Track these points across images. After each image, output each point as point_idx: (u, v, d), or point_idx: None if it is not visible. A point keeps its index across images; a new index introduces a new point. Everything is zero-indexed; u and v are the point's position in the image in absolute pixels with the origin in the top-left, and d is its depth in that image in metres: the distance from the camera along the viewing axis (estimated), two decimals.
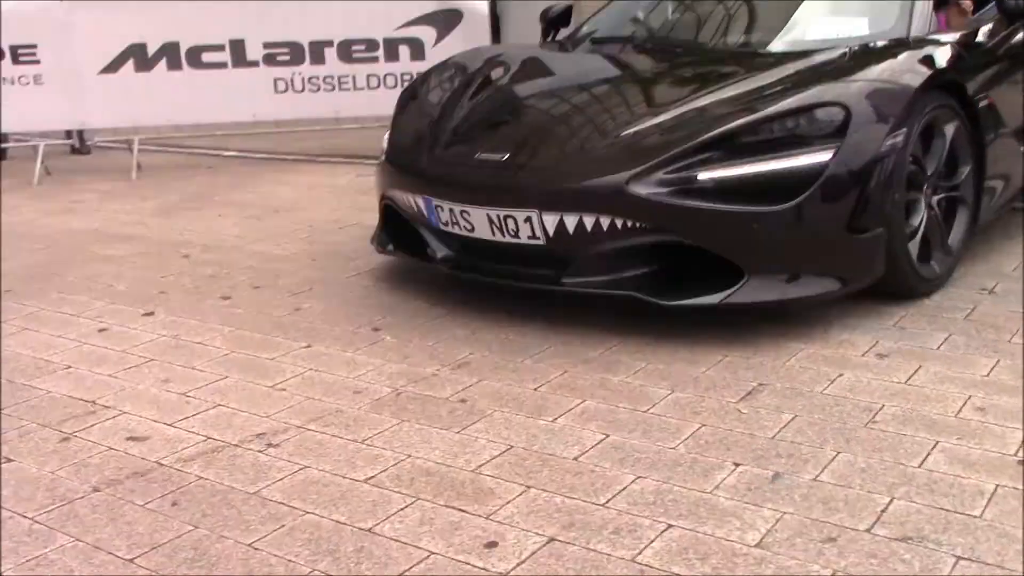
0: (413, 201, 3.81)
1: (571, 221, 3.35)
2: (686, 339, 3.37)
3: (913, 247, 3.61)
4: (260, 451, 2.68)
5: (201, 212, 5.58)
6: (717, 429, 2.72)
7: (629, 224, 3.31)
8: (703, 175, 3.28)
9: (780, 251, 3.33)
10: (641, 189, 3.27)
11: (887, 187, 3.39)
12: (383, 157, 4.13)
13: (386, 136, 4.25)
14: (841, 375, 3.06)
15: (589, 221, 3.33)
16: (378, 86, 7.22)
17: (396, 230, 4.10)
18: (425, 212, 3.76)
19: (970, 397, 2.87)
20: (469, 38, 7.03)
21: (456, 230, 3.64)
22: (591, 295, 3.49)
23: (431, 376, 3.16)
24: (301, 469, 2.56)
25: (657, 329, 3.45)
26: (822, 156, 3.28)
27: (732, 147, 3.33)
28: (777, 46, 4.11)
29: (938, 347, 3.26)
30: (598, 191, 3.33)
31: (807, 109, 3.36)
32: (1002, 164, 4.11)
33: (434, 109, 4.20)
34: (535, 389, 3.03)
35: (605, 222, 3.32)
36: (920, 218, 3.66)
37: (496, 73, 4.38)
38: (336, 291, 4.06)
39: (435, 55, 6.69)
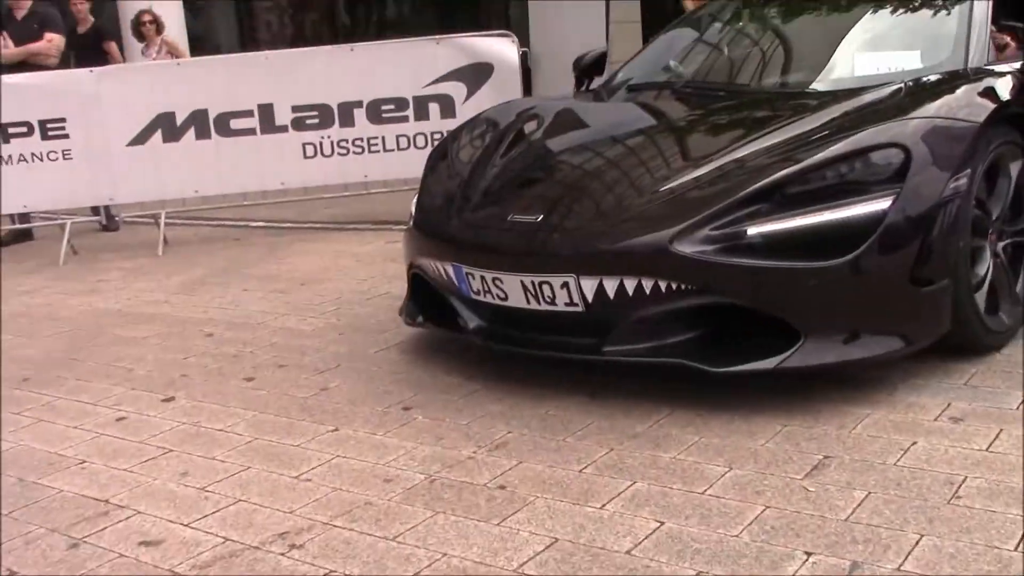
0: (443, 269, 3.60)
1: (611, 285, 3.13)
2: (740, 408, 3.12)
3: (980, 298, 3.35)
4: (282, 553, 2.45)
5: (227, 287, 5.41)
6: (783, 512, 2.46)
7: (674, 286, 3.08)
8: (752, 230, 3.04)
9: (838, 309, 3.07)
10: (686, 248, 3.04)
11: (951, 234, 3.14)
12: (411, 222, 3.93)
13: (414, 200, 4.06)
14: (914, 443, 2.79)
15: (631, 284, 3.10)
16: (408, 147, 7.06)
17: (425, 300, 3.89)
18: (455, 280, 3.55)
19: None
20: (500, 92, 6.85)
21: (488, 299, 3.43)
22: (635, 364, 3.25)
23: (467, 460, 2.92)
24: (326, 575, 2.33)
25: (708, 398, 3.20)
26: (880, 204, 3.04)
27: (781, 199, 3.10)
28: (822, 85, 3.89)
29: (1017, 407, 2.98)
30: (639, 251, 3.10)
31: (862, 152, 3.13)
32: None
33: (464, 169, 4.00)
34: (580, 471, 2.78)
35: (648, 285, 3.09)
36: (986, 266, 3.40)
37: (529, 127, 4.19)
38: (364, 368, 3.84)
39: (466, 111, 6.52)
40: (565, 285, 3.18)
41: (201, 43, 15.00)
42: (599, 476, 2.74)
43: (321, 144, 7.06)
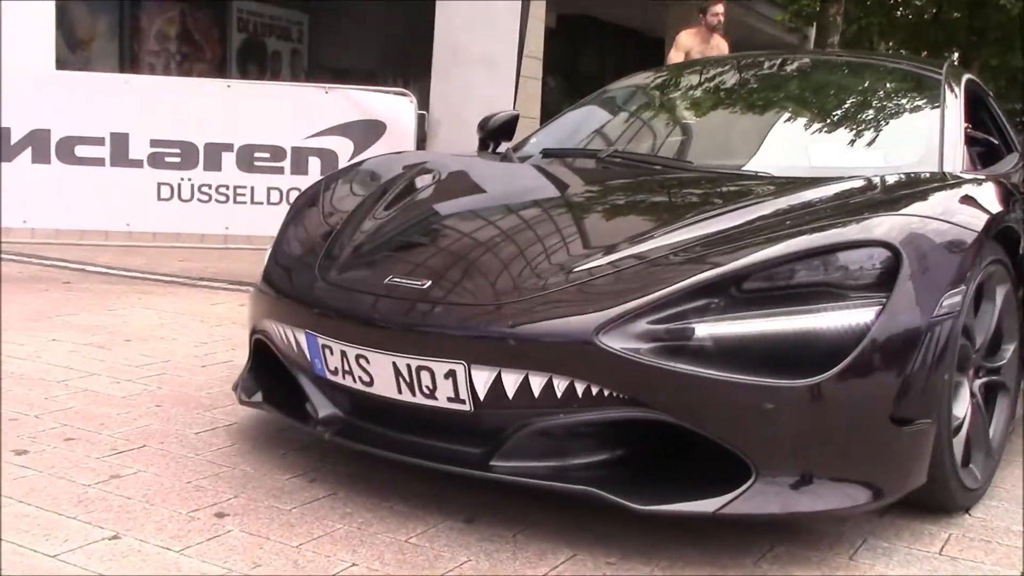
0: (293, 338, 2.79)
1: (512, 380, 2.37)
2: (664, 557, 2.39)
3: (958, 445, 2.71)
4: None
5: (33, 335, 4.43)
6: None
7: (594, 391, 2.34)
8: (702, 329, 2.34)
9: (797, 443, 2.37)
10: (615, 342, 2.32)
11: (940, 363, 2.50)
12: (260, 279, 3.11)
13: (268, 253, 3.24)
14: None
15: (538, 382, 2.35)
16: (280, 201, 6.23)
17: (269, 376, 3.05)
18: (308, 354, 2.73)
19: None
20: None
21: (348, 381, 2.62)
22: (531, 488, 2.48)
23: None
24: None
25: (622, 538, 2.47)
26: (862, 315, 2.38)
27: (739, 294, 2.42)
28: (777, 171, 3.27)
29: None
30: (554, 340, 2.36)
31: (841, 248, 2.48)
32: None
33: (334, 221, 3.22)
34: None
35: (561, 385, 2.35)
36: (965, 408, 2.77)
37: (422, 181, 3.45)
38: (176, 452, 2.96)
39: None
40: (451, 374, 2.41)
41: None
42: None
43: (180, 186, 6.17)
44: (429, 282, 2.61)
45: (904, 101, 3.73)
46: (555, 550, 2.40)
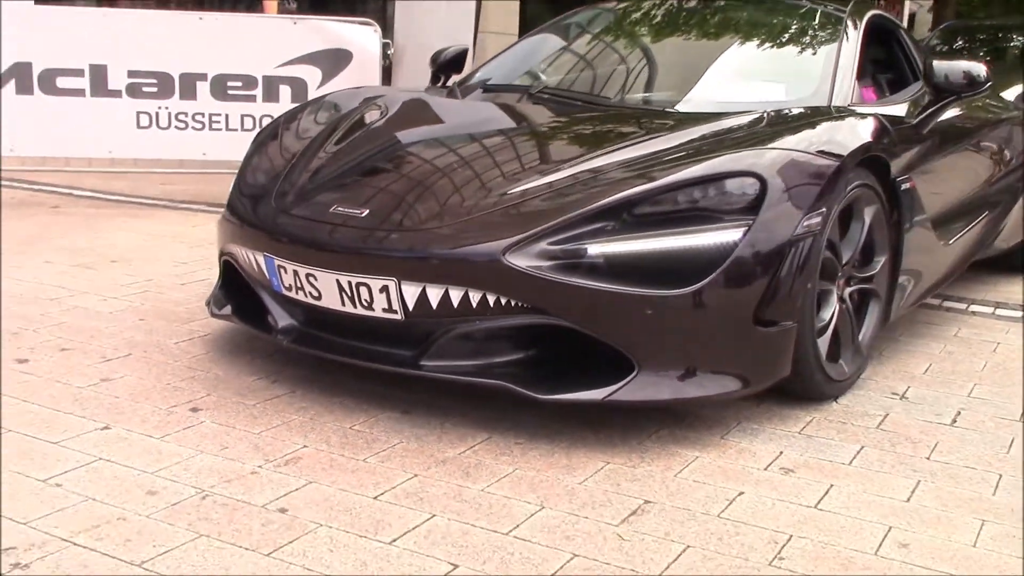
0: (254, 259, 3.24)
1: (435, 294, 2.83)
2: (564, 439, 2.87)
3: (823, 344, 3.19)
4: (4, 574, 2.05)
5: (26, 257, 4.87)
6: (591, 563, 2.20)
7: (503, 301, 2.80)
8: (593, 249, 2.79)
9: (676, 342, 2.85)
10: (520, 261, 2.77)
11: (800, 275, 2.96)
12: (225, 207, 3.54)
13: (233, 180, 3.67)
14: (741, 494, 2.58)
15: (456, 295, 2.81)
16: (253, 127, 6.57)
17: (236, 292, 3.51)
18: (266, 273, 3.18)
19: (891, 529, 2.43)
20: (357, 81, 6.49)
21: (300, 296, 3.08)
22: (456, 383, 2.96)
23: (250, 475, 2.57)
24: None
25: (530, 425, 2.94)
26: (731, 235, 2.83)
27: (629, 218, 2.86)
28: (684, 106, 3.69)
29: (850, 462, 2.82)
30: (469, 260, 2.81)
31: (716, 179, 2.92)
32: (918, 256, 3.74)
33: (292, 151, 3.65)
34: (375, 498, 2.47)
35: (475, 297, 2.81)
36: (832, 312, 3.24)
37: (371, 116, 3.86)
38: (157, 359, 3.43)
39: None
40: (384, 289, 2.87)
41: None
42: (395, 505, 2.43)
43: (157, 115, 6.54)
44: (367, 210, 3.05)
45: (806, 38, 4.12)
46: (474, 434, 2.89)
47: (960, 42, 10.00)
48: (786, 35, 4.19)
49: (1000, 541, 2.39)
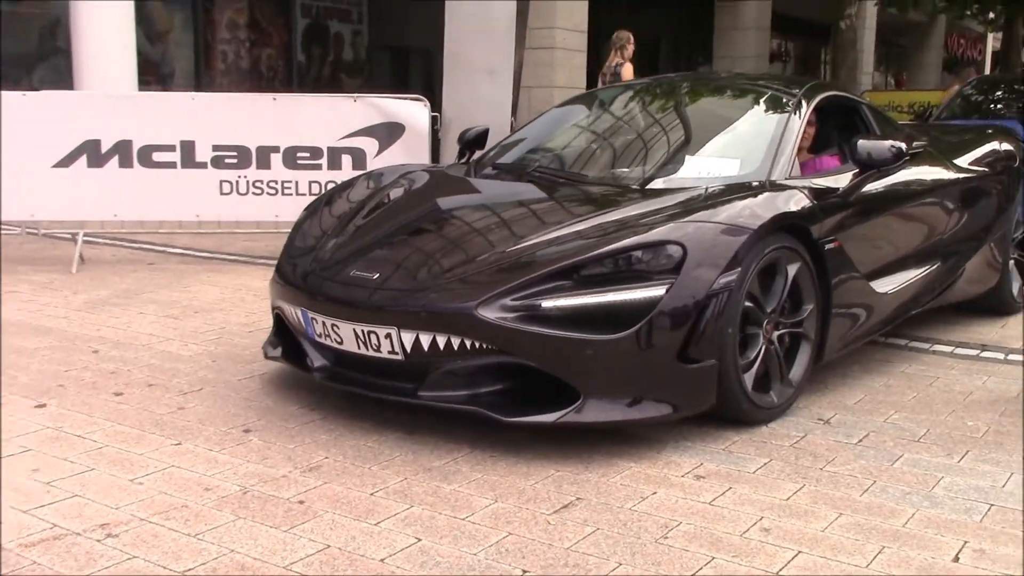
0: (295, 312, 4.12)
1: (426, 339, 3.66)
2: (530, 453, 3.65)
3: (749, 378, 3.91)
4: (99, 540, 2.92)
5: (125, 309, 5.87)
6: (521, 538, 2.98)
7: (478, 345, 3.62)
8: (548, 303, 3.59)
9: (617, 376, 3.62)
10: (489, 313, 3.59)
11: (717, 321, 3.70)
12: (275, 271, 4.45)
13: (283, 246, 4.58)
14: (655, 493, 3.34)
15: (441, 340, 3.64)
16: (319, 191, 7.58)
17: (285, 338, 4.40)
18: (303, 323, 4.06)
19: (761, 519, 3.15)
20: (410, 150, 7.49)
21: (328, 342, 3.94)
22: (444, 409, 3.78)
23: (281, 477, 3.42)
24: (129, 559, 2.81)
25: (508, 442, 3.72)
26: (657, 290, 3.61)
27: (579, 278, 3.66)
28: (655, 183, 4.46)
29: (754, 471, 3.54)
30: (449, 313, 3.64)
31: (649, 246, 3.70)
32: (851, 304, 4.44)
33: (331, 221, 4.55)
34: (371, 494, 3.29)
35: (456, 342, 3.63)
36: (757, 351, 3.97)
37: (395, 193, 4.74)
38: (223, 392, 4.33)
39: (376, 164, 7.17)
40: (388, 336, 3.71)
41: (156, 69, 15.52)
42: (385, 499, 3.25)
43: (237, 182, 7.57)
44: (378, 274, 3.91)
45: (759, 119, 4.88)
46: (459, 448, 3.70)
47: (999, 92, 10.61)
48: (744, 115, 4.97)
49: (848, 529, 3.10)
